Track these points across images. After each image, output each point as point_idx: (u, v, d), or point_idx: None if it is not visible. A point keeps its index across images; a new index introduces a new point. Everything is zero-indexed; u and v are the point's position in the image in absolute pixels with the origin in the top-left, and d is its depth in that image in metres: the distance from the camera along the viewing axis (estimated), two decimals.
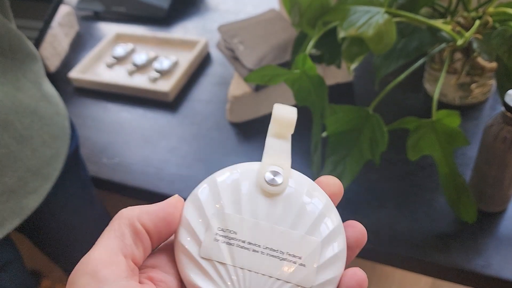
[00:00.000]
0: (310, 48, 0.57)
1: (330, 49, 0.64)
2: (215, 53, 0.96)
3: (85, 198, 0.73)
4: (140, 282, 0.24)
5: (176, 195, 0.27)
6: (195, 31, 1.04)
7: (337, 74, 0.80)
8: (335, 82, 0.81)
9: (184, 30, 1.05)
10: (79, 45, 1.06)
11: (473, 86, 0.72)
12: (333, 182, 0.27)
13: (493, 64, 0.70)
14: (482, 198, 0.61)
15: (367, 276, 0.25)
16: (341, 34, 0.51)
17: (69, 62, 1.01)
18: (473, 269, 0.57)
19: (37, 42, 0.91)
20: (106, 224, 0.25)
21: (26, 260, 0.72)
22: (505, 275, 0.56)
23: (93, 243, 0.24)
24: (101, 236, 0.24)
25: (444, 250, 0.59)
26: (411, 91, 0.80)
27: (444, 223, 0.62)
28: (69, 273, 0.23)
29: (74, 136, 0.69)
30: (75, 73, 0.93)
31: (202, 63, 0.94)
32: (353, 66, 0.55)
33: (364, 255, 0.61)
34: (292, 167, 0.27)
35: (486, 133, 0.55)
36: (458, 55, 0.69)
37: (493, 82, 0.74)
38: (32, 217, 0.62)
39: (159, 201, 0.26)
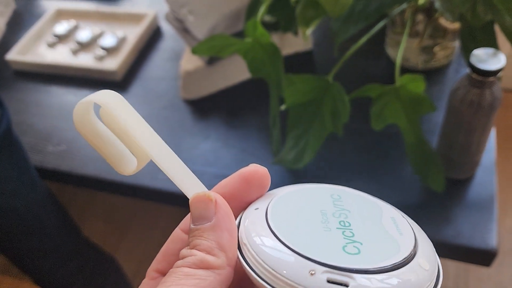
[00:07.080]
0: (262, 13, 0.52)
1: (285, 14, 0.59)
2: (166, 27, 0.90)
3: (24, 182, 0.68)
4: None
5: None
6: (143, 4, 0.97)
7: (296, 43, 0.76)
8: (293, 51, 0.77)
9: (131, 2, 0.97)
10: (16, 24, 0.97)
11: (436, 48, 0.69)
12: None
13: (456, 25, 0.67)
14: (449, 165, 0.58)
15: None
16: None
17: (6, 43, 0.93)
18: (443, 239, 0.55)
19: None
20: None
21: None
22: (476, 243, 0.54)
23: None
24: None
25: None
26: (373, 57, 0.76)
27: (412, 193, 0.59)
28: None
29: (3, 116, 0.64)
30: (13, 55, 0.86)
31: (152, 38, 0.88)
32: (309, 31, 0.50)
33: None
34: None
35: (452, 97, 0.52)
36: (420, 17, 0.65)
37: (456, 44, 0.71)
38: None
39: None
